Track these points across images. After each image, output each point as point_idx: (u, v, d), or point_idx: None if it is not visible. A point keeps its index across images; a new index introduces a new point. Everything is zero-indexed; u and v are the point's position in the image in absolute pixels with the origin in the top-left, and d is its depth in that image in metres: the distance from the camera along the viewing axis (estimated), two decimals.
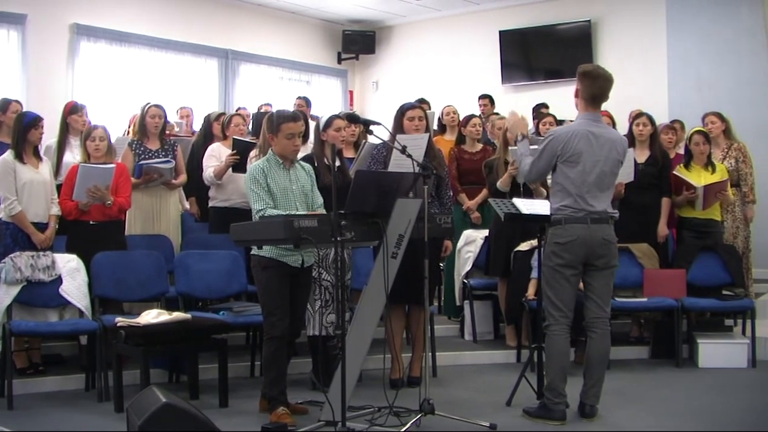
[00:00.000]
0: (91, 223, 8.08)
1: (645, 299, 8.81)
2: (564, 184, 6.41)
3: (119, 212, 8.25)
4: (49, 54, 13.28)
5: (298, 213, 6.19)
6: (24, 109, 8.86)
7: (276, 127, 6.52)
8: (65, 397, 7.38)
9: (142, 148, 8.98)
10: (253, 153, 8.30)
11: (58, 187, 8.18)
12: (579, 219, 6.36)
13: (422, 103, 10.03)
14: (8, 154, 7.86)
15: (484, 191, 9.44)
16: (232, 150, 8.91)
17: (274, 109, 11.02)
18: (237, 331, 8.31)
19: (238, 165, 8.76)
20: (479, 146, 10.15)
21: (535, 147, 6.78)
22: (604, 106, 10.05)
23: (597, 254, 6.39)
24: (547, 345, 6.52)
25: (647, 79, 14.13)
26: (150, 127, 9.07)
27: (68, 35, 13.57)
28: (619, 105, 10.69)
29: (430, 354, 7.91)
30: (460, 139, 10.26)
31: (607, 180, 6.45)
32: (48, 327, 7.49)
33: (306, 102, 12.29)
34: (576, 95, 6.60)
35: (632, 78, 14.04)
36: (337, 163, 7.56)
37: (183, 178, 9.23)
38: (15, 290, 7.41)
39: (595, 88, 6.48)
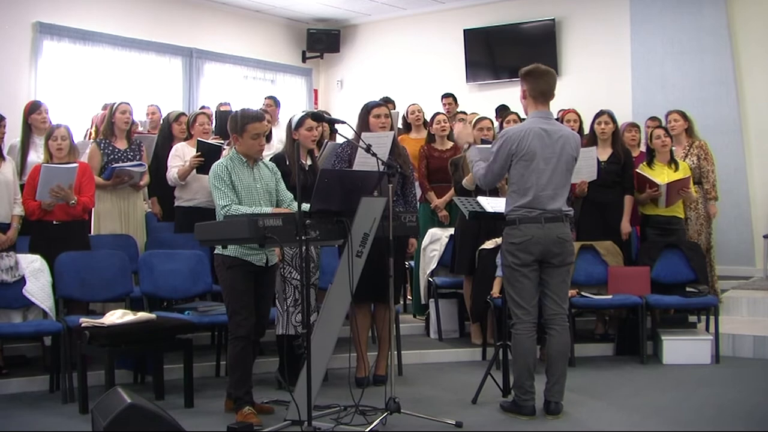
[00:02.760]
0: (54, 222, 8.04)
1: (609, 296, 8.85)
2: (518, 183, 6.44)
3: (83, 212, 8.22)
4: (12, 53, 13.18)
5: (262, 212, 6.17)
6: None
7: (241, 127, 6.49)
8: (29, 398, 7.34)
9: (110, 148, 8.95)
10: (226, 152, 8.31)
11: (23, 187, 8.13)
12: (533, 219, 6.39)
13: (387, 102, 10.05)
14: None
15: (453, 189, 9.47)
16: (197, 151, 8.88)
17: (232, 108, 11.06)
18: (202, 330, 8.30)
19: (202, 166, 8.74)
20: (449, 144, 10.15)
21: (487, 147, 6.81)
22: (569, 105, 10.27)
23: (552, 252, 6.42)
24: (513, 344, 6.55)
25: (611, 78, 14.24)
26: (120, 124, 9.05)
27: (31, 34, 13.47)
28: (583, 103, 10.82)
29: (395, 352, 7.93)
30: (430, 138, 10.27)
31: (561, 177, 6.48)
32: (11, 328, 7.44)
33: (275, 102, 12.27)
34: (523, 96, 6.64)
35: (596, 77, 14.22)
36: (309, 162, 7.56)
37: (147, 178, 9.22)
38: None
39: (542, 84, 6.54)
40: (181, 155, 9.04)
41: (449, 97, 13.23)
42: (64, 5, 13.83)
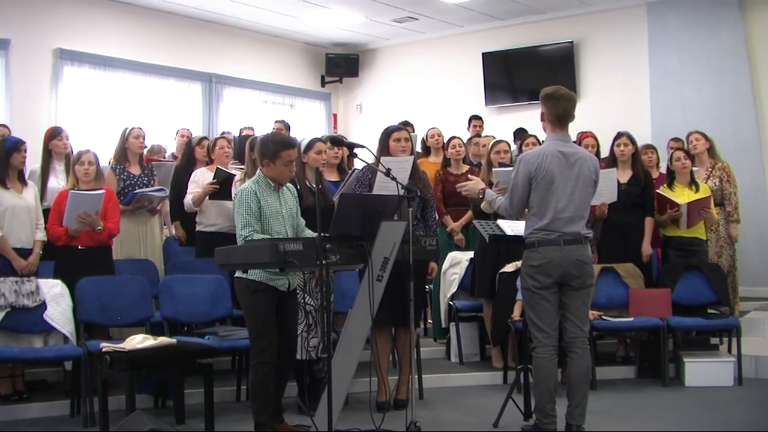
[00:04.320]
0: (79, 248, 8.05)
1: (631, 319, 8.82)
2: (537, 206, 6.41)
3: (108, 237, 8.23)
4: (33, 79, 13.26)
5: (283, 237, 6.17)
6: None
7: (273, 152, 6.48)
8: (50, 423, 7.34)
9: (125, 173, 8.99)
10: (238, 177, 8.32)
11: (45, 212, 8.16)
12: (552, 241, 6.35)
13: (406, 126, 10.05)
14: None
15: (469, 213, 9.46)
16: (214, 178, 8.89)
17: (255, 133, 11.08)
18: (222, 355, 8.27)
19: (217, 193, 8.76)
20: (464, 168, 10.15)
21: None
22: (588, 127, 10.25)
23: (572, 275, 6.37)
24: (534, 367, 6.51)
25: (630, 100, 14.23)
26: (133, 148, 9.11)
27: (52, 60, 13.56)
28: (602, 125, 10.80)
29: (416, 376, 7.89)
30: (446, 162, 10.27)
31: (580, 200, 6.44)
32: (32, 353, 7.45)
33: (285, 126, 12.30)
34: (542, 119, 6.62)
35: (615, 98, 14.20)
36: (319, 186, 7.56)
37: (166, 204, 9.26)
38: None
39: (559, 109, 6.50)
40: (199, 182, 9.05)
41: (478, 119, 13.25)
42: (84, 32, 13.91)
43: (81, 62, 13.85)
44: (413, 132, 11.38)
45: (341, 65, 17.61)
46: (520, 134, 11.68)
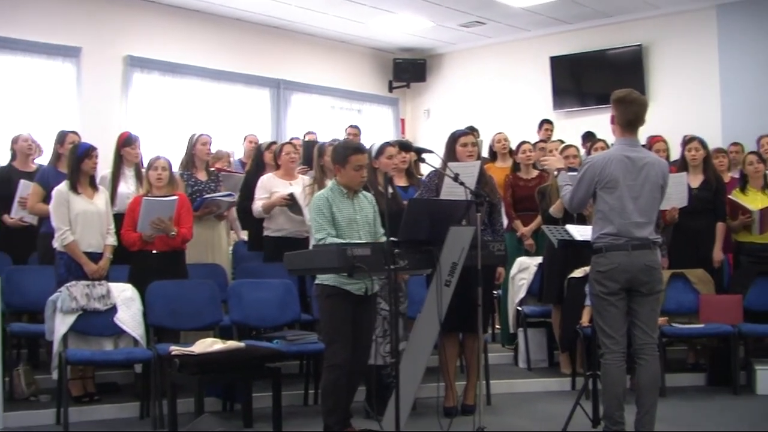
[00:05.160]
0: (153, 252, 8.13)
1: (701, 325, 8.73)
2: (604, 211, 6.36)
3: (182, 243, 8.30)
4: (104, 86, 13.42)
5: (353, 241, 6.17)
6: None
7: (344, 158, 6.52)
8: (120, 424, 7.43)
9: (193, 180, 9.06)
10: (307, 181, 8.34)
11: (115, 217, 8.25)
12: (619, 246, 6.29)
13: (472, 131, 10.03)
14: (63, 185, 7.93)
15: (539, 218, 9.40)
16: (289, 195, 8.88)
17: (318, 138, 11.12)
18: (291, 359, 8.32)
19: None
20: (534, 173, 10.10)
21: (575, 174, 6.76)
22: (657, 131, 10.16)
23: (640, 280, 6.30)
24: (602, 374, 6.46)
25: (699, 103, 14.07)
26: (200, 155, 9.18)
27: (122, 67, 13.72)
28: (671, 129, 10.70)
29: (484, 382, 7.87)
30: (515, 167, 10.23)
31: (648, 204, 6.37)
32: (103, 356, 7.55)
33: (358, 130, 12.34)
34: (612, 122, 6.56)
35: (684, 102, 14.06)
36: (390, 190, 7.56)
37: (233, 210, 9.33)
38: (71, 319, 7.47)
39: (630, 113, 6.44)
40: (267, 187, 9.06)
41: (549, 123, 13.21)
42: (154, 39, 14.06)
43: (150, 69, 14.01)
44: (479, 137, 11.38)
45: (409, 70, 17.62)
46: (589, 138, 11.64)
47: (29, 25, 12.65)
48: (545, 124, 13.25)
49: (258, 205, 9.00)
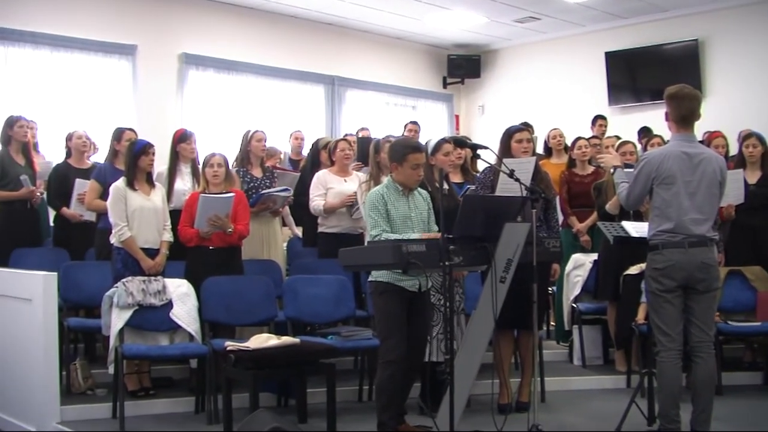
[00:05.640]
0: (210, 248, 8.18)
1: (758, 323, 8.63)
2: (661, 207, 6.32)
3: (238, 239, 8.34)
4: (159, 83, 13.56)
5: (408, 237, 6.16)
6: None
7: (402, 156, 6.52)
8: (175, 419, 7.48)
9: (248, 176, 9.09)
10: (363, 178, 8.34)
11: (171, 213, 8.31)
12: (676, 243, 6.24)
13: (526, 127, 9.99)
14: (120, 182, 8.00)
15: (594, 214, 9.34)
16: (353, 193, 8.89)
17: (371, 134, 11.11)
18: (345, 355, 8.30)
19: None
20: (590, 169, 10.03)
21: (631, 171, 6.72)
22: (714, 127, 10.06)
23: (696, 278, 6.25)
24: (658, 372, 6.41)
25: (757, 98, 13.91)
26: (256, 151, 9.20)
27: (177, 64, 13.85)
28: (728, 125, 10.58)
29: (538, 379, 7.84)
30: (571, 163, 10.18)
31: (705, 200, 6.31)
32: (159, 350, 7.63)
33: (418, 127, 12.36)
34: (666, 118, 6.52)
35: (741, 97, 13.91)
36: (445, 187, 7.55)
37: (287, 205, 9.36)
38: (127, 314, 7.53)
39: (683, 109, 6.38)
40: (323, 183, 9.08)
41: (603, 119, 13.13)
42: (209, 37, 14.16)
43: (205, 66, 14.12)
44: (533, 133, 11.33)
45: (463, 66, 17.60)
46: (645, 133, 11.55)
47: (86, 24, 12.79)
48: (599, 120, 13.17)
49: (319, 204, 8.99)
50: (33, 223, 9.51)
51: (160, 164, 8.90)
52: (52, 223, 10.02)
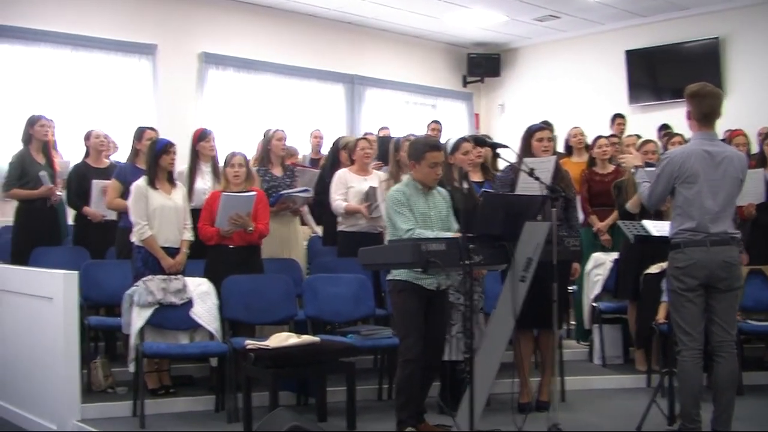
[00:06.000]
0: (230, 247, 8.18)
1: None
2: (683, 206, 6.29)
3: (259, 238, 8.33)
4: (179, 82, 13.62)
5: (428, 237, 6.16)
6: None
7: (420, 154, 6.51)
8: (195, 417, 7.48)
9: (268, 175, 9.09)
10: (383, 177, 8.34)
11: (192, 213, 8.33)
12: (698, 242, 6.21)
13: (547, 126, 9.96)
14: (142, 180, 8.01)
15: (615, 213, 9.31)
16: (366, 206, 8.88)
17: (391, 133, 11.10)
18: (365, 354, 8.31)
19: None
20: (611, 167, 10.00)
21: (652, 170, 6.70)
22: (735, 125, 10.03)
23: (718, 277, 6.22)
24: (679, 371, 6.38)
25: None
26: (276, 150, 9.18)
27: (197, 64, 13.91)
28: (750, 124, 10.55)
29: (558, 378, 7.83)
30: (591, 162, 10.15)
31: (727, 199, 6.29)
32: (179, 349, 7.63)
33: (440, 126, 12.35)
34: (687, 117, 6.49)
35: (762, 95, 13.83)
36: (465, 186, 7.54)
37: (305, 207, 9.36)
38: (147, 313, 7.54)
39: (705, 107, 6.36)
40: (344, 182, 9.08)
41: (621, 118, 13.10)
42: (228, 36, 14.21)
43: (225, 65, 14.18)
44: (554, 132, 11.31)
45: (483, 65, 17.62)
46: (665, 129, 11.52)
47: (106, 24, 12.86)
48: (617, 118, 13.14)
49: (340, 205, 9.00)
50: (52, 222, 9.57)
51: (181, 163, 8.91)
52: (70, 222, 10.06)
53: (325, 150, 11.44)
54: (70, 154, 10.91)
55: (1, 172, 9.93)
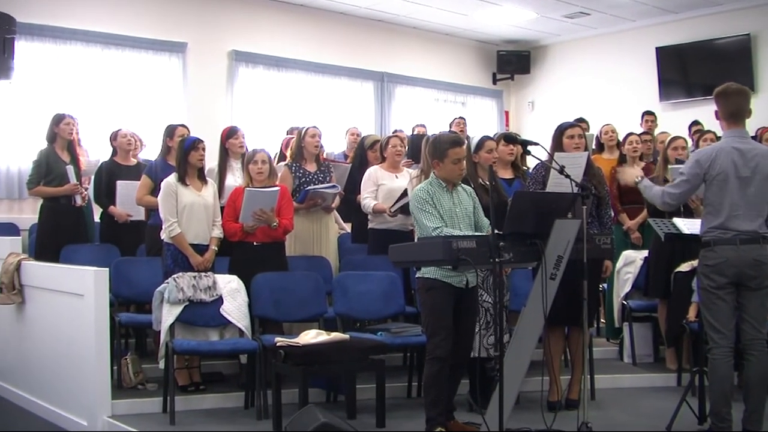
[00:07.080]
0: (254, 244, 8.19)
1: None
2: (713, 204, 6.28)
3: (283, 234, 8.35)
4: (209, 80, 13.65)
5: (458, 234, 6.15)
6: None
7: (442, 152, 6.49)
8: (225, 414, 7.51)
9: (301, 171, 9.09)
10: (414, 174, 8.33)
11: (222, 209, 8.34)
12: (727, 240, 6.20)
13: (581, 123, 9.92)
14: (171, 177, 8.05)
15: (645, 211, 9.27)
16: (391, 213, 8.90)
17: (428, 131, 11.08)
18: (395, 351, 8.32)
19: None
20: (641, 165, 9.95)
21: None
22: (767, 122, 9.95)
23: (748, 275, 6.20)
24: (709, 369, 6.35)
25: None
26: (309, 147, 9.16)
27: (227, 61, 13.93)
28: None
29: (588, 376, 7.80)
30: (622, 159, 10.11)
31: (759, 197, 6.26)
32: (209, 346, 7.64)
33: (464, 122, 12.34)
34: (717, 117, 6.49)
35: None
36: (489, 183, 7.53)
37: (338, 201, 9.32)
38: (177, 310, 7.58)
39: (731, 105, 6.35)
40: (374, 180, 9.08)
41: (650, 115, 13.05)
42: (258, 34, 14.23)
43: (255, 63, 14.19)
44: (588, 129, 11.27)
45: (513, 62, 17.57)
46: (695, 126, 11.47)
47: (137, 22, 12.90)
48: (647, 115, 13.09)
49: (370, 204, 8.99)
50: (78, 220, 9.64)
51: (212, 161, 8.94)
52: (97, 220, 10.12)
53: None
54: (99, 152, 10.96)
55: (27, 170, 9.97)
